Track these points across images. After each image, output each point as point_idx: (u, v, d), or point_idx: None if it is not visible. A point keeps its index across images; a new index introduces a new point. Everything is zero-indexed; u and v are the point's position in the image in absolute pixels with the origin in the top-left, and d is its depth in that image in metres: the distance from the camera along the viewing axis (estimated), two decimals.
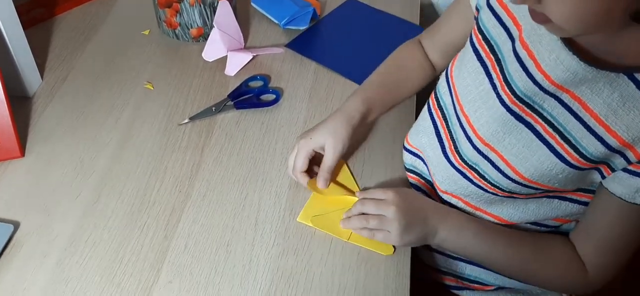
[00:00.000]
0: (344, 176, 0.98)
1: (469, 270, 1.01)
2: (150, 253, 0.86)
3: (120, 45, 1.23)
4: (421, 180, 0.99)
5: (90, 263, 0.84)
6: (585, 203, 0.87)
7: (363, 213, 0.88)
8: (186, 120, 1.06)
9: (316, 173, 0.94)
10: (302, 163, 0.92)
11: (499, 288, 1.02)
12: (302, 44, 1.25)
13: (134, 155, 1.00)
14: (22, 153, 0.99)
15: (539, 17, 0.66)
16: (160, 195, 0.94)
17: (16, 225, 0.88)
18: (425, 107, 0.98)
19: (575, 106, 0.74)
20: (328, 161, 0.92)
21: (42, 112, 1.07)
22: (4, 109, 0.96)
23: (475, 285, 1.02)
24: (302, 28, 1.28)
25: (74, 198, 0.92)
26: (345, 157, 1.01)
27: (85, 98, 1.10)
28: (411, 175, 1.00)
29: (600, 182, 0.80)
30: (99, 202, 0.92)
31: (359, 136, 1.03)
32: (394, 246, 0.88)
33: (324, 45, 1.26)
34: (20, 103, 1.07)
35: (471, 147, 0.86)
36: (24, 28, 1.06)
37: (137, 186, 0.95)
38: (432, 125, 0.95)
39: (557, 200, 0.88)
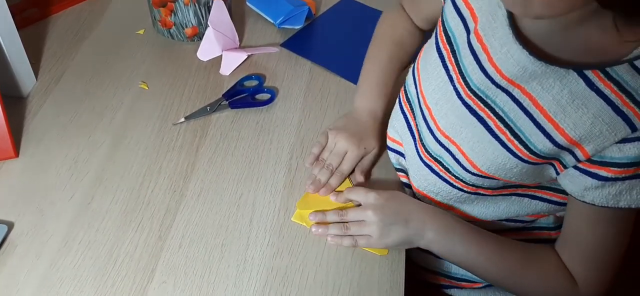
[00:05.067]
0: None
1: (455, 268, 1.01)
2: (145, 253, 0.86)
3: (114, 45, 1.22)
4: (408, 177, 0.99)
5: (84, 263, 0.84)
6: (557, 202, 0.87)
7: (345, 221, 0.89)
8: (181, 120, 1.06)
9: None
10: (353, 166, 0.97)
11: (488, 286, 1.02)
12: (297, 43, 1.25)
13: (128, 155, 1.00)
14: (16, 153, 0.98)
15: None
16: (155, 195, 0.94)
17: (10, 226, 0.88)
18: (397, 100, 0.98)
19: (526, 102, 0.73)
20: (369, 160, 0.98)
21: (36, 113, 1.06)
22: None
23: (464, 284, 1.02)
24: (297, 27, 1.28)
25: (67, 199, 0.92)
26: None
27: (79, 98, 1.09)
28: (401, 173, 1.00)
29: (557, 181, 0.79)
30: (93, 202, 0.92)
31: None
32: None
33: (319, 45, 1.26)
34: (14, 103, 1.07)
35: (433, 139, 0.86)
36: (18, 28, 1.05)
37: (131, 186, 0.95)
38: (403, 119, 0.95)
39: (526, 198, 0.88)
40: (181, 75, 1.16)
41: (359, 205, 0.89)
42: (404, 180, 0.99)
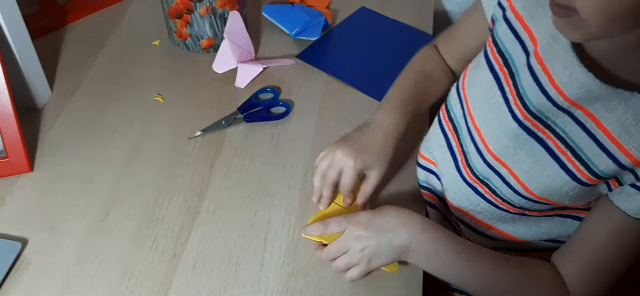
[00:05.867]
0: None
1: None
2: (159, 272, 0.85)
3: (130, 56, 1.22)
4: (435, 197, 0.97)
5: (98, 282, 0.84)
6: None
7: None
8: (196, 134, 1.05)
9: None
10: (352, 182, 0.89)
11: None
12: (314, 55, 1.24)
13: (143, 170, 0.99)
14: (31, 168, 0.98)
15: (563, 11, 0.63)
16: (170, 212, 0.93)
17: (24, 243, 0.87)
18: (436, 119, 0.96)
19: (589, 123, 0.72)
20: (372, 184, 0.90)
21: (51, 125, 1.06)
22: (12, 124, 0.95)
23: None
24: (314, 39, 1.27)
25: (82, 216, 0.92)
26: None
27: (95, 111, 1.09)
28: (425, 192, 0.98)
29: (606, 195, 0.77)
30: (107, 219, 0.91)
31: None
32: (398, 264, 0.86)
33: (335, 56, 1.25)
34: (30, 115, 1.07)
35: (482, 162, 0.85)
36: (33, 38, 1.05)
37: (146, 202, 0.94)
38: (443, 138, 0.93)
39: (570, 219, 0.86)
40: (197, 88, 1.15)
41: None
42: (428, 199, 0.97)
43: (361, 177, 0.91)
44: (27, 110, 1.07)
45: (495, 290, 0.84)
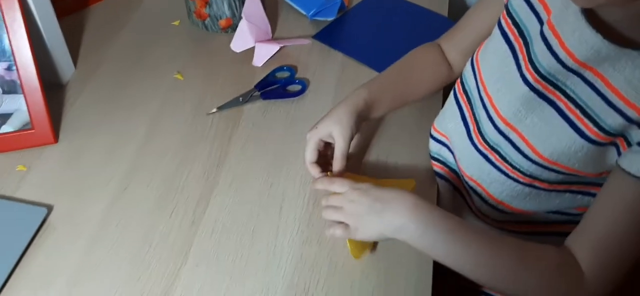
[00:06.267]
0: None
1: None
2: (179, 237, 0.88)
3: (150, 35, 1.25)
4: (445, 168, 1.00)
5: (121, 246, 0.87)
6: None
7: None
8: (214, 110, 1.08)
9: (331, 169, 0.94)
10: (310, 154, 0.93)
11: None
12: (329, 35, 1.26)
13: (164, 143, 1.02)
14: (56, 139, 1.02)
15: None
16: (189, 182, 0.96)
17: (49, 209, 0.91)
18: (451, 93, 0.99)
19: (598, 83, 0.75)
20: (339, 147, 0.92)
21: (75, 100, 1.10)
22: (38, 97, 0.99)
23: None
24: (330, 19, 1.29)
25: (105, 185, 0.95)
26: (361, 149, 1.02)
27: (116, 87, 1.13)
28: (436, 163, 1.01)
29: (616, 164, 0.78)
30: (129, 188, 0.95)
31: (369, 128, 1.04)
32: (369, 249, 0.88)
33: (351, 37, 1.27)
34: (54, 90, 1.11)
35: (493, 128, 0.87)
36: (58, 17, 1.09)
37: (166, 173, 0.97)
38: (458, 110, 0.96)
39: (580, 195, 0.87)
40: (215, 66, 1.18)
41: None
42: (439, 170, 1.00)
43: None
44: (51, 86, 1.11)
45: (491, 273, 0.80)
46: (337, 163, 0.92)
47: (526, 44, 0.82)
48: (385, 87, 1.01)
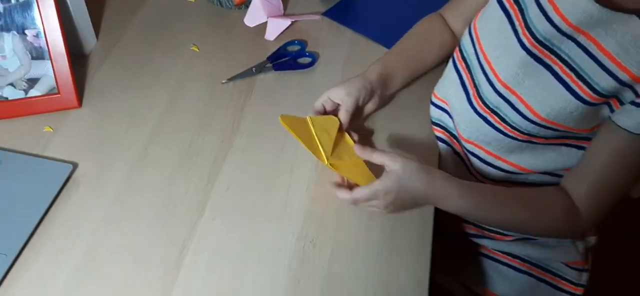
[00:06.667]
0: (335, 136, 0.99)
1: None
2: (196, 194, 0.94)
3: (169, 11, 1.31)
4: (446, 133, 1.05)
5: (142, 201, 0.93)
6: None
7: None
8: (228, 79, 1.14)
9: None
10: (317, 104, 1.00)
11: (518, 239, 1.08)
12: (339, 13, 1.32)
13: (181, 110, 1.08)
14: (80, 104, 1.08)
15: None
16: (205, 145, 1.02)
17: (75, 166, 0.97)
18: (450, 61, 1.04)
19: (591, 47, 0.80)
20: (345, 103, 0.98)
21: (97, 70, 1.16)
22: (64, 63, 1.05)
23: (495, 235, 1.08)
24: None
25: (127, 146, 1.01)
26: (367, 116, 1.08)
27: (136, 58, 1.19)
28: (436, 128, 1.06)
29: (608, 118, 0.85)
30: (150, 149, 1.01)
31: (383, 100, 1.08)
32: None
33: (361, 14, 1.32)
34: (77, 60, 1.17)
35: (492, 91, 0.92)
36: None
37: (184, 137, 1.03)
38: (457, 77, 1.01)
39: (574, 149, 0.93)
40: (229, 40, 1.24)
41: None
42: (439, 134, 1.06)
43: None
44: (75, 57, 1.16)
45: (508, 227, 0.96)
46: (342, 116, 0.98)
47: (521, 10, 0.88)
48: (398, 61, 1.07)
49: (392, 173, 0.87)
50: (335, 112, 1.00)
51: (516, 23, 0.89)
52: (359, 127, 1.04)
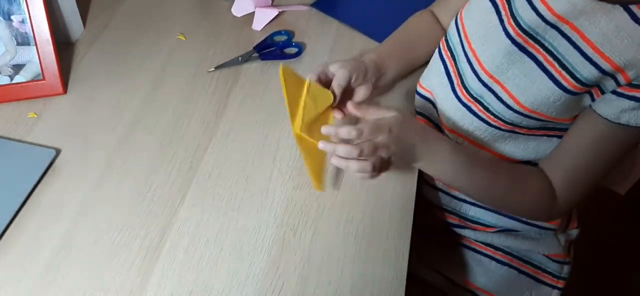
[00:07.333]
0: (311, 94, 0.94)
1: (472, 211, 1.08)
2: (177, 180, 0.95)
3: (156, 0, 1.31)
4: (429, 123, 1.06)
5: (123, 187, 0.94)
6: None
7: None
8: (214, 68, 1.14)
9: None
10: (312, 75, 0.95)
11: (500, 231, 1.08)
12: (328, 4, 1.32)
13: (166, 97, 1.09)
14: (65, 90, 1.08)
15: None
16: (188, 132, 1.02)
17: (58, 151, 0.97)
18: (436, 51, 1.05)
19: (575, 36, 0.81)
20: (336, 78, 0.94)
21: (83, 57, 1.16)
22: (49, 49, 1.05)
23: (477, 226, 1.09)
24: None
25: (110, 131, 1.02)
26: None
27: (123, 46, 1.19)
28: (421, 118, 1.07)
29: (589, 106, 0.86)
30: (132, 135, 1.01)
31: (375, 89, 1.07)
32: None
33: (349, 5, 1.33)
34: (64, 48, 1.17)
35: (477, 80, 0.93)
36: None
37: (168, 123, 1.04)
38: (442, 66, 1.02)
39: (555, 139, 0.94)
40: (216, 29, 1.24)
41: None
42: (422, 123, 1.06)
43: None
44: (61, 44, 1.17)
45: (489, 195, 0.96)
46: (334, 87, 0.94)
47: (508, 1, 0.88)
48: (391, 53, 1.08)
49: (393, 116, 0.85)
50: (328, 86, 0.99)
51: (502, 12, 0.89)
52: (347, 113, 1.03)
